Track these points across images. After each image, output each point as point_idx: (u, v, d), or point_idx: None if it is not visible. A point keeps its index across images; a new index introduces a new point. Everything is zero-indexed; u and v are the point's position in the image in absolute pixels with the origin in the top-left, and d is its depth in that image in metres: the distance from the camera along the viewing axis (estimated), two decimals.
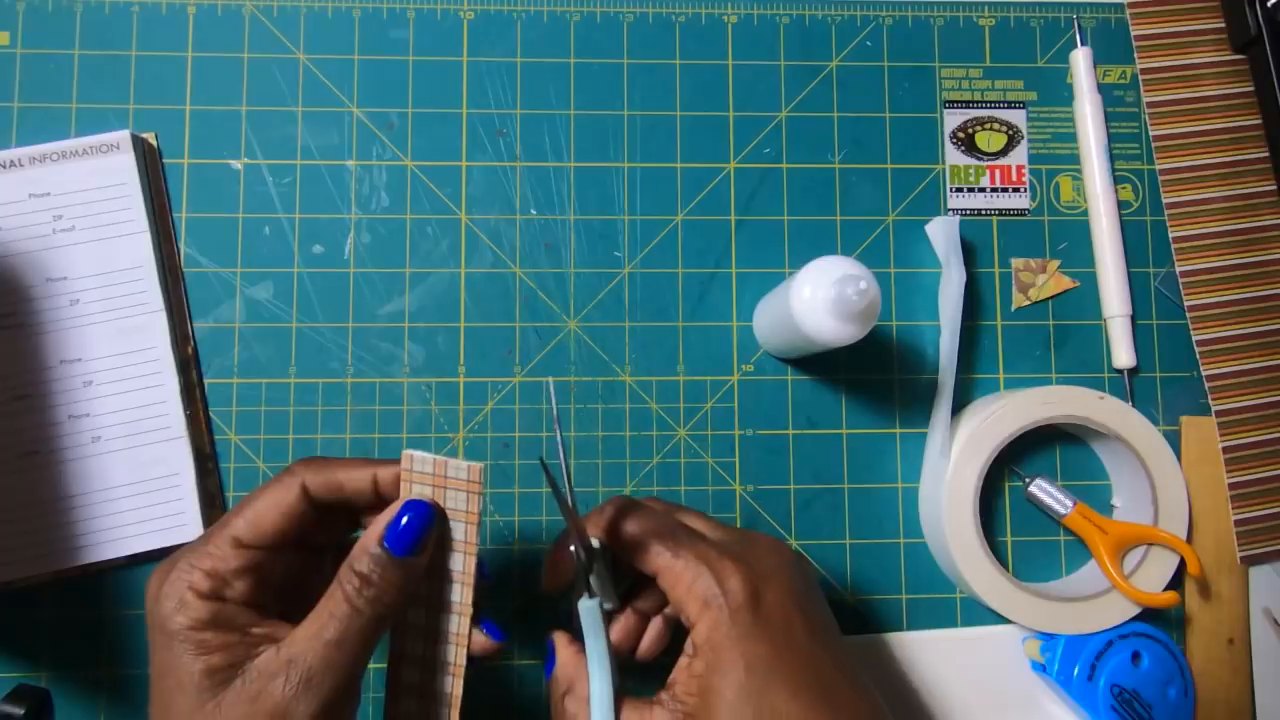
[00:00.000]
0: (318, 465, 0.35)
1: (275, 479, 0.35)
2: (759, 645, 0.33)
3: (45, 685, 0.44)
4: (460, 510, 0.35)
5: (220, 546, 0.33)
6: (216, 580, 0.33)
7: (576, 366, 0.48)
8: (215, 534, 0.34)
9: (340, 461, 0.36)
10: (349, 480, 0.35)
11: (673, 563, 0.34)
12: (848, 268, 0.39)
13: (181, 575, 0.33)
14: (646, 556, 0.35)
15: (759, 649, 0.33)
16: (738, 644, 0.33)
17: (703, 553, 0.35)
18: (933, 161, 0.51)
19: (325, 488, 0.35)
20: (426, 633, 0.36)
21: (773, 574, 0.35)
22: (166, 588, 0.33)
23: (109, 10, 0.49)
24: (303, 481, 0.34)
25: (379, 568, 0.33)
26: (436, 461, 0.34)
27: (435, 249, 0.49)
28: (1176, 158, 0.50)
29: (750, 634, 0.33)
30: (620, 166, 0.50)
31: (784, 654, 0.33)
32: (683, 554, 0.35)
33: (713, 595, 0.33)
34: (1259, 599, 0.48)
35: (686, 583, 0.34)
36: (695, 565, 0.34)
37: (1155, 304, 0.50)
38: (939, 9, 0.51)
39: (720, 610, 0.33)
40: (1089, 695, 0.44)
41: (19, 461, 0.45)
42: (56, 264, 0.46)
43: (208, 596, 0.32)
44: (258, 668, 0.31)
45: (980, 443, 0.46)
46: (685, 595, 0.34)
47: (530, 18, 0.50)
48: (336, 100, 0.49)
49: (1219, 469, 0.48)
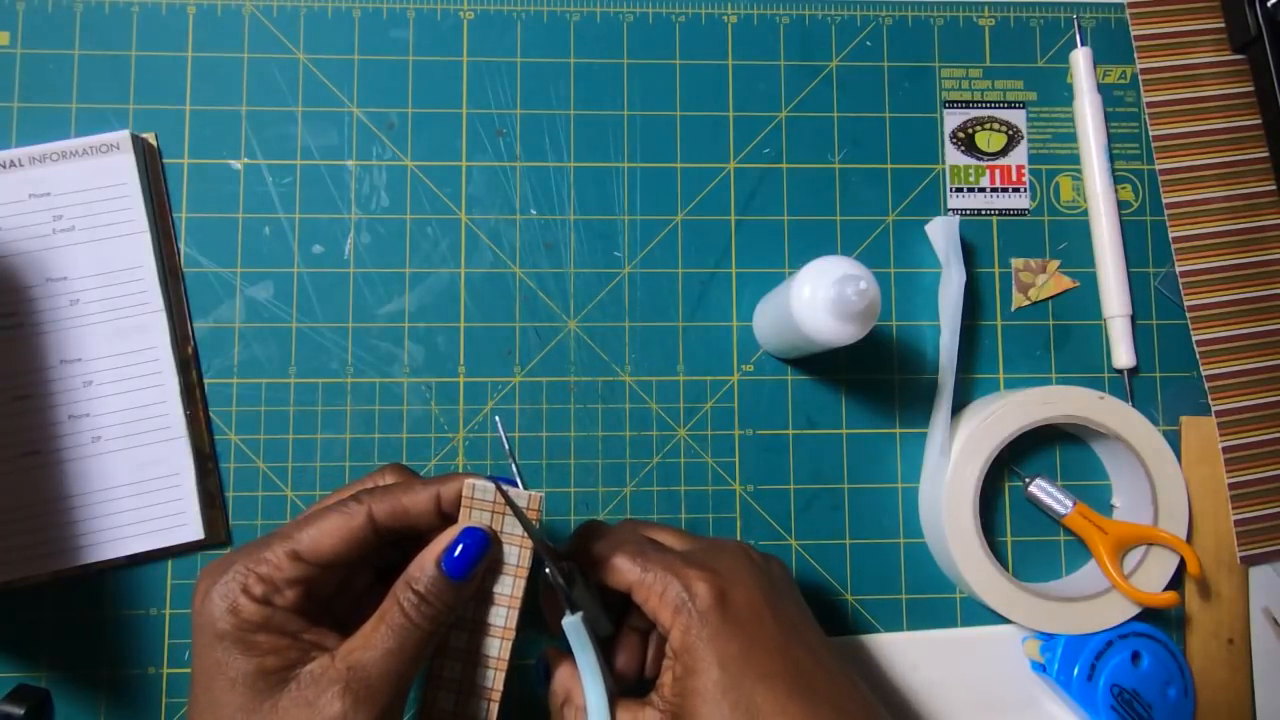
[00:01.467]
0: (384, 493, 0.36)
1: (342, 503, 0.35)
2: (730, 643, 0.34)
3: (45, 685, 0.44)
4: (516, 535, 0.36)
5: (278, 555, 0.34)
6: (269, 586, 0.33)
7: (576, 366, 0.48)
8: (274, 543, 0.34)
9: (404, 486, 0.36)
10: (414, 505, 0.36)
11: (643, 576, 0.36)
12: (848, 268, 0.39)
13: (236, 578, 0.33)
14: (618, 574, 0.37)
15: (730, 646, 0.34)
16: (709, 644, 0.34)
17: (669, 563, 0.36)
18: (933, 161, 0.51)
19: (392, 517, 0.35)
20: (466, 655, 0.36)
21: (739, 576, 0.36)
22: (218, 589, 0.33)
23: (109, 10, 0.49)
24: (369, 511, 0.35)
25: (435, 587, 0.34)
26: (498, 490, 0.36)
27: (435, 249, 0.49)
28: (1176, 158, 0.50)
29: (720, 633, 0.34)
30: (620, 166, 0.50)
31: (755, 649, 0.34)
32: (650, 566, 0.36)
33: (681, 601, 0.35)
34: (1259, 599, 0.48)
35: (658, 593, 0.35)
36: (663, 575, 0.36)
37: (1155, 304, 0.50)
38: (939, 9, 0.51)
39: (689, 614, 0.35)
40: (1089, 695, 0.44)
41: (19, 462, 0.45)
42: (56, 264, 0.46)
43: (259, 601, 0.33)
44: (312, 673, 0.32)
45: (980, 443, 0.46)
46: (658, 605, 0.35)
47: (530, 18, 0.50)
48: (336, 100, 0.49)
49: (1219, 469, 0.48)
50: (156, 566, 0.46)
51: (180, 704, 0.45)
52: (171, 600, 0.46)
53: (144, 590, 0.46)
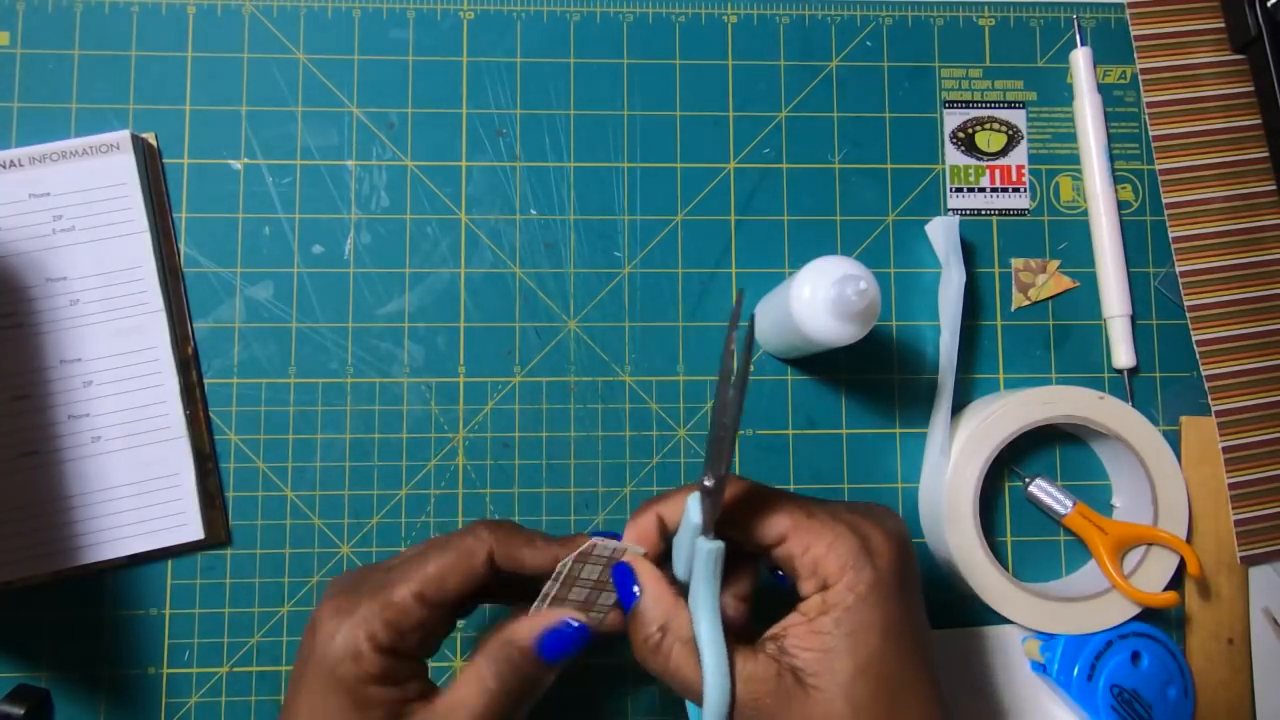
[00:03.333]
0: (504, 536, 0.35)
1: (460, 539, 0.34)
2: (899, 612, 0.31)
3: (45, 685, 0.44)
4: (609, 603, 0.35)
5: (405, 599, 0.32)
6: (395, 634, 0.32)
7: (576, 366, 0.48)
8: (397, 583, 0.33)
9: (524, 536, 0.35)
10: (531, 559, 0.35)
11: (808, 522, 0.33)
12: (848, 268, 0.39)
13: (364, 624, 0.32)
14: (773, 517, 0.33)
15: (899, 616, 0.31)
16: (879, 606, 0.31)
17: (838, 514, 0.33)
18: (933, 161, 0.51)
19: (509, 561, 0.34)
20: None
21: (905, 543, 0.33)
22: (345, 632, 0.32)
23: (109, 10, 0.49)
24: (490, 550, 0.34)
25: (524, 662, 0.33)
26: (616, 549, 0.34)
27: (435, 249, 0.49)
28: (1176, 158, 0.50)
29: (893, 599, 0.31)
30: (620, 166, 0.50)
31: (915, 627, 0.32)
32: (817, 514, 0.33)
33: (857, 555, 0.31)
34: (1259, 599, 0.48)
35: (827, 541, 0.32)
36: (835, 525, 0.32)
37: (1155, 304, 0.50)
38: (939, 9, 0.51)
39: (862, 570, 0.31)
40: (1089, 695, 0.44)
41: (19, 462, 0.45)
42: (56, 264, 0.46)
43: (384, 650, 0.32)
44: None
45: (980, 443, 0.46)
46: (823, 554, 0.32)
47: (530, 18, 0.50)
48: (336, 100, 0.49)
49: (1219, 469, 0.48)
50: (156, 566, 0.46)
51: (180, 704, 0.45)
52: (171, 600, 0.46)
53: (144, 590, 0.46)
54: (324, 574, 0.46)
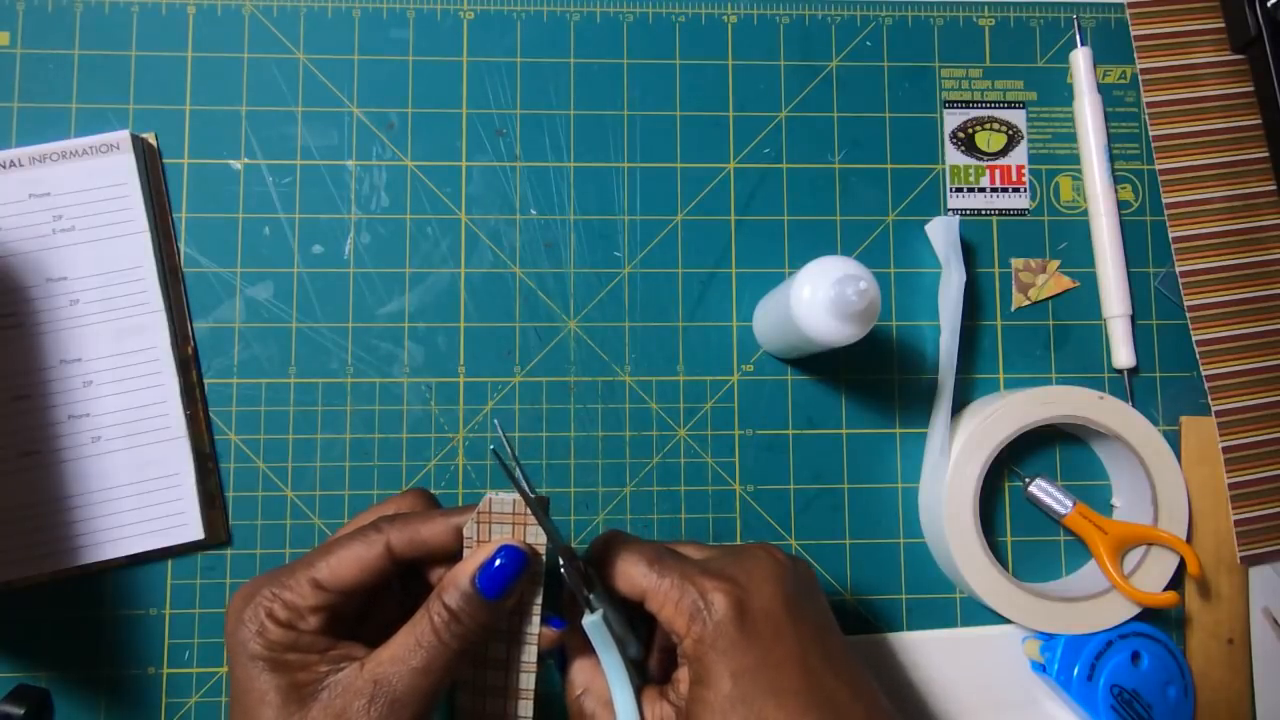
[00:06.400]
0: (402, 523, 0.35)
1: (361, 531, 0.35)
2: (744, 657, 0.33)
3: (45, 685, 0.44)
4: (541, 544, 0.36)
5: (300, 584, 0.34)
6: (293, 612, 0.34)
7: (576, 366, 0.48)
8: (298, 570, 0.35)
9: (423, 516, 0.36)
10: (432, 536, 0.35)
11: (659, 583, 0.35)
12: (848, 268, 0.39)
13: (262, 603, 0.34)
14: (632, 580, 0.36)
15: (744, 659, 0.33)
16: (722, 657, 0.33)
17: (686, 571, 0.35)
18: (933, 161, 0.51)
19: (409, 546, 0.35)
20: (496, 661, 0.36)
21: (760, 584, 0.35)
22: (248, 613, 0.34)
23: (109, 10, 0.49)
24: (388, 541, 0.35)
25: (468, 605, 0.34)
26: (516, 501, 0.35)
27: (435, 249, 0.49)
28: (1176, 158, 0.50)
29: (735, 645, 0.33)
30: (620, 166, 0.50)
31: (771, 663, 0.33)
32: (667, 574, 0.35)
33: (696, 610, 0.34)
34: (1259, 599, 0.48)
35: (673, 601, 0.35)
36: (680, 583, 0.35)
37: (1155, 304, 0.50)
38: (939, 9, 0.51)
39: (704, 625, 0.34)
40: (1089, 695, 0.44)
41: (19, 461, 0.45)
42: (56, 264, 0.46)
43: (284, 625, 0.34)
44: (341, 683, 0.33)
45: (980, 443, 0.46)
46: (672, 614, 0.35)
47: (530, 18, 0.50)
48: (336, 100, 0.49)
49: (1219, 469, 0.48)
50: (156, 566, 0.46)
51: (180, 704, 0.45)
52: (171, 600, 0.46)
53: (144, 590, 0.46)
54: None
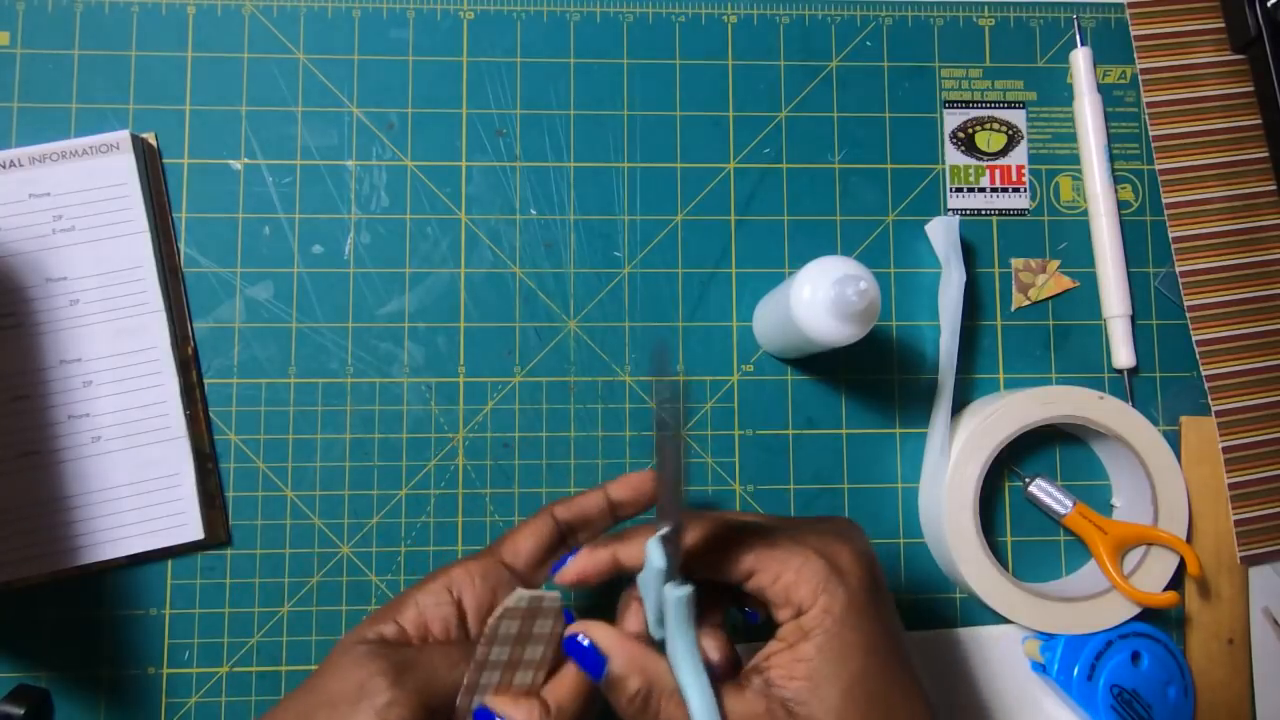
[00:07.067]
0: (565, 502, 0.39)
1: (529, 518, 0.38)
2: (878, 626, 0.31)
3: (45, 685, 0.44)
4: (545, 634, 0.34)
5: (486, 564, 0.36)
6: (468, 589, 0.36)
7: (576, 366, 0.48)
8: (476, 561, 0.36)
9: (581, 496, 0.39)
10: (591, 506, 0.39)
11: (773, 551, 0.32)
12: (848, 268, 0.39)
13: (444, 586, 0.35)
14: (738, 551, 0.32)
15: (878, 630, 0.31)
16: (858, 625, 0.31)
17: (802, 536, 0.33)
18: (933, 161, 0.51)
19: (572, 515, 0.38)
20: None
21: (874, 557, 0.33)
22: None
23: (109, 10, 0.49)
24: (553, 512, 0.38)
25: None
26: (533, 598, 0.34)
27: (435, 249, 0.49)
28: (1176, 158, 0.50)
29: (870, 614, 0.31)
30: (620, 166, 0.50)
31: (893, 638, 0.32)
32: (781, 540, 0.32)
33: (827, 576, 0.31)
34: (1259, 599, 0.48)
35: (794, 567, 0.32)
36: (800, 549, 0.32)
37: (1155, 304, 0.50)
38: (939, 9, 0.51)
39: (836, 592, 0.31)
40: (1089, 695, 0.44)
41: (18, 462, 0.45)
42: (56, 264, 0.46)
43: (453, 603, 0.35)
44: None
45: (980, 443, 0.46)
46: (794, 580, 0.31)
47: (530, 18, 0.50)
48: (336, 100, 0.49)
49: (1219, 469, 0.48)
50: (156, 566, 0.46)
51: (180, 704, 0.45)
52: (171, 600, 0.46)
53: (144, 590, 0.46)
54: (324, 574, 0.46)
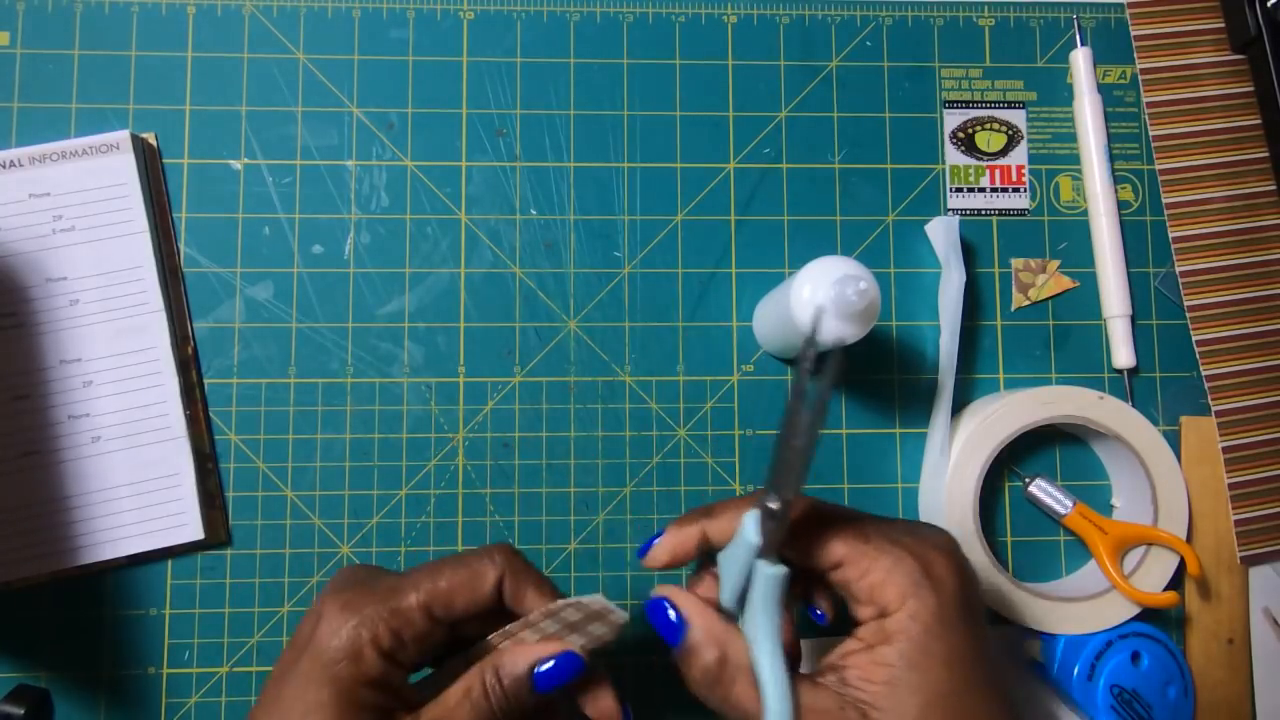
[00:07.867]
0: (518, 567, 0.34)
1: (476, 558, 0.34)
2: (965, 641, 0.30)
3: (45, 685, 0.44)
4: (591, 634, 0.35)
5: (412, 608, 0.32)
6: (397, 642, 0.32)
7: (576, 366, 0.48)
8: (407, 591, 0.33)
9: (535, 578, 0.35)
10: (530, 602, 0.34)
11: (865, 546, 0.31)
12: (847, 268, 0.39)
13: (368, 623, 0.32)
14: (829, 540, 0.32)
15: (964, 645, 0.30)
16: (944, 637, 0.30)
17: (896, 537, 0.32)
18: (933, 161, 0.51)
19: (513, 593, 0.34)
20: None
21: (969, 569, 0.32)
22: (349, 629, 0.31)
23: (109, 10, 0.49)
24: (501, 575, 0.34)
25: (518, 687, 0.33)
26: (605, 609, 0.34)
27: (435, 249, 0.49)
28: (1176, 158, 0.50)
29: (958, 628, 0.30)
30: (620, 166, 0.50)
31: (981, 654, 0.31)
32: (874, 538, 0.32)
33: (918, 581, 0.30)
34: (1259, 599, 0.48)
35: (885, 566, 0.31)
36: (894, 550, 0.31)
37: (1155, 304, 0.50)
38: (939, 9, 0.51)
39: (926, 599, 0.30)
40: (1089, 695, 0.44)
41: (18, 462, 0.45)
42: (56, 264, 0.46)
43: (384, 655, 0.32)
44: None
45: (980, 443, 0.46)
46: (882, 580, 0.31)
47: (530, 18, 0.50)
48: (336, 100, 0.49)
49: (1219, 469, 0.48)
50: (156, 566, 0.46)
51: (180, 704, 0.45)
52: (171, 600, 0.46)
53: (144, 590, 0.46)
54: (324, 574, 0.46)
